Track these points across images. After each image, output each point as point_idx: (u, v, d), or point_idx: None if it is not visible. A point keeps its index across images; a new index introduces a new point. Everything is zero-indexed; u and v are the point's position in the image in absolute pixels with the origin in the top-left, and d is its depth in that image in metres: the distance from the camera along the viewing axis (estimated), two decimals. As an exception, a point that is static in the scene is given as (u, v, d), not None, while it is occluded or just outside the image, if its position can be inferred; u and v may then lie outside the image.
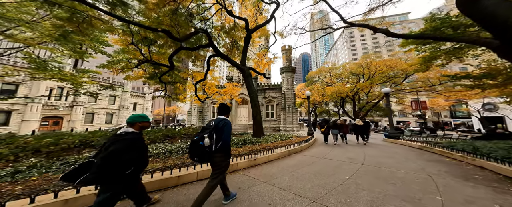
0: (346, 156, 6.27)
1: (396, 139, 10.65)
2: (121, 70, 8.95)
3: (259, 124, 9.55)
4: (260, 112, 9.96)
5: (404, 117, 51.46)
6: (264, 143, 7.31)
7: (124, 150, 1.66)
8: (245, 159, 4.67)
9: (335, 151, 7.55)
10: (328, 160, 5.66)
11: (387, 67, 26.83)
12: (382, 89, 12.19)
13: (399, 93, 30.82)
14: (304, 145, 7.70)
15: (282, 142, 7.84)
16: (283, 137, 10.31)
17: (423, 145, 8.24)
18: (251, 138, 8.42)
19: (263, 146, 6.46)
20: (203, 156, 2.19)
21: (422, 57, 14.88)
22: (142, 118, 1.99)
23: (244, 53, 11.22)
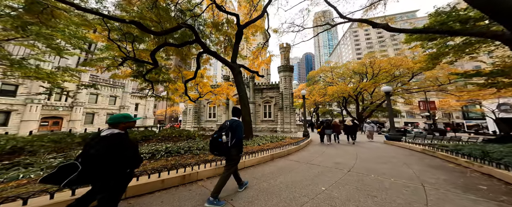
0: (334, 161, 5.63)
1: (398, 141, 9.84)
2: (106, 69, 8.68)
3: (248, 125, 9.04)
4: (249, 112, 9.46)
5: (412, 117, 49.59)
6: (250, 146, 6.75)
7: (109, 150, 1.60)
8: (210, 166, 3.97)
9: (325, 154, 6.92)
10: (312, 165, 5.06)
11: (392, 66, 25.71)
12: (382, 88, 11.42)
13: (405, 93, 29.56)
14: (292, 148, 7.10)
15: (270, 145, 7.29)
16: (275, 138, 9.75)
17: (425, 148, 7.46)
18: None
19: (247, 149, 5.93)
20: (221, 150, 2.68)
21: (428, 54, 13.99)
22: (124, 118, 1.86)
23: (235, 50, 10.77)
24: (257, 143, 7.35)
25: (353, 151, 7.86)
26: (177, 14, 9.79)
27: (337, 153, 7.26)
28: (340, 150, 8.32)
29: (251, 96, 20.79)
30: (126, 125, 1.87)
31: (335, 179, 3.83)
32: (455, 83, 23.42)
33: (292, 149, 7.05)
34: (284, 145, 7.48)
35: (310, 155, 6.74)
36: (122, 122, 1.82)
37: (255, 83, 21.43)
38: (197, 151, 4.89)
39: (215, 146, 2.72)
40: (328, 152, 7.53)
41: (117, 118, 1.82)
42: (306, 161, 5.59)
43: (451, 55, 11.89)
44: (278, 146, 6.99)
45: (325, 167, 4.84)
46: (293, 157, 6.24)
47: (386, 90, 11.38)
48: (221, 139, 2.65)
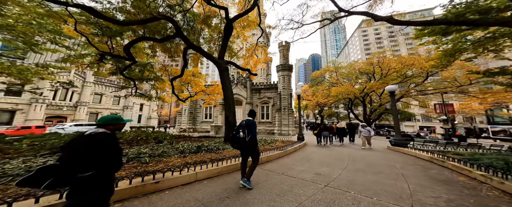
0: (316, 171, 4.69)
1: (403, 147, 8.58)
2: (87, 65, 8.40)
3: (231, 127, 8.29)
4: (234, 113, 8.71)
5: (428, 121, 46.20)
6: (227, 150, 5.99)
7: (92, 148, 1.54)
8: (134, 182, 2.92)
9: (312, 161, 6.00)
10: (287, 177, 4.18)
11: (402, 66, 23.80)
12: (386, 87, 10.26)
13: (419, 95, 27.35)
14: (274, 154, 6.21)
15: None
16: (264, 142, 8.93)
17: (433, 157, 6.26)
18: (218, 143, 7.20)
19: (220, 155, 5.20)
20: (240, 144, 3.21)
21: (443, 51, 12.59)
22: (114, 120, 1.81)
23: (224, 46, 10.15)
24: None
25: (346, 157, 6.85)
26: (165, 9, 9.42)
27: (326, 160, 6.31)
28: (332, 154, 7.33)
29: (248, 96, 20.09)
30: (116, 127, 1.81)
31: (302, 199, 2.96)
32: (478, 84, 21.19)
33: (274, 155, 6.18)
34: (272, 148, 6.65)
35: (294, 162, 5.85)
36: (112, 125, 1.77)
37: (252, 83, 20.71)
38: (146, 159, 4.09)
39: (235, 141, 3.26)
40: (316, 158, 6.58)
41: (107, 120, 1.76)
42: (284, 170, 4.69)
43: (470, 51, 10.51)
44: (264, 150, 6.20)
45: (300, 180, 3.95)
46: (272, 164, 5.37)
47: (391, 90, 10.16)
48: (239, 135, 3.17)
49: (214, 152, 5.73)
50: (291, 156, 6.88)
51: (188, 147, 5.69)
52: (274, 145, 8.16)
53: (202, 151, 5.60)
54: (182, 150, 5.34)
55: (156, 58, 10.54)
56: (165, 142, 6.31)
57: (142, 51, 8.87)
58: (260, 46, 14.08)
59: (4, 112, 17.40)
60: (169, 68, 11.05)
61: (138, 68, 8.85)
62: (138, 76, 9.19)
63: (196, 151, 5.54)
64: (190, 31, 11.69)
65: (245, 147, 3.27)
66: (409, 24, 8.46)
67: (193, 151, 5.42)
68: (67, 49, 7.76)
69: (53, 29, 6.68)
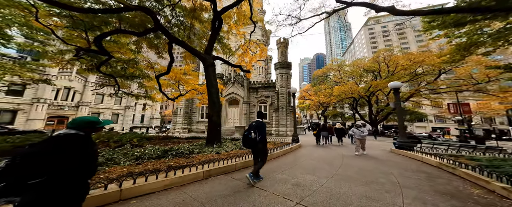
0: (297, 180, 3.88)
1: (408, 151, 7.56)
2: (67, 62, 8.08)
3: (214, 127, 7.63)
4: (219, 112, 8.05)
5: (442, 122, 43.53)
6: (203, 155, 5.27)
7: (60, 150, 1.38)
8: None
9: (297, 167, 5.23)
10: (255, 190, 3.46)
11: (411, 63, 22.24)
12: (389, 83, 9.30)
13: (431, 94, 25.61)
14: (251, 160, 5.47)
15: (234, 152, 5.75)
16: None
17: (442, 162, 5.28)
18: (196, 146, 6.51)
19: (188, 161, 4.49)
20: (251, 143, 3.57)
21: (456, 45, 11.40)
22: (89, 123, 1.62)
23: (211, 41, 9.56)
24: (218, 151, 5.81)
25: (338, 161, 6.02)
26: (152, 3, 8.99)
27: (315, 164, 5.52)
28: (324, 158, 6.49)
29: (245, 95, 19.42)
30: (91, 130, 1.65)
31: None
32: (497, 81, 19.38)
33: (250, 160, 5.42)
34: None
35: (278, 167, 5.09)
36: (88, 128, 1.60)
37: (250, 82, 20.04)
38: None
39: (247, 141, 3.55)
40: (304, 163, 5.79)
41: (81, 122, 1.59)
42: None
43: (487, 45, 9.36)
44: (241, 154, 5.47)
45: (270, 194, 3.14)
46: (247, 172, 4.63)
47: (394, 87, 9.15)
48: (251, 135, 3.43)
49: (185, 156, 4.99)
50: (279, 160, 6.09)
51: (151, 151, 4.92)
52: None
53: (168, 156, 4.85)
54: (139, 155, 4.55)
55: (143, 55, 10.09)
56: (126, 145, 5.68)
57: (125, 47, 8.46)
58: (254, 41, 13.37)
59: (5, 112, 17.85)
60: (156, 65, 10.58)
61: (120, 65, 8.41)
62: (119, 73, 8.77)
63: (160, 156, 4.78)
64: (180, 26, 11.21)
65: (256, 146, 3.57)
66: (414, 14, 7.54)
67: (155, 156, 4.68)
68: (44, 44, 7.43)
69: (23, 23, 6.33)
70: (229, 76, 20.99)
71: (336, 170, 4.90)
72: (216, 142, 7.24)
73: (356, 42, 78.05)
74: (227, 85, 20.54)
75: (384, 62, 22.59)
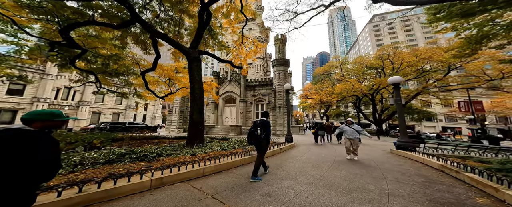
0: (268, 189, 3.26)
1: (409, 152, 6.84)
2: (47, 58, 7.84)
3: (195, 126, 7.11)
4: (201, 110, 7.54)
5: (453, 122, 41.55)
6: (174, 157, 4.68)
7: None
8: None
9: (280, 170, 4.70)
10: (212, 202, 2.97)
11: (418, 59, 21.06)
12: (389, 79, 8.61)
13: (439, 92, 24.31)
14: (237, 160, 4.83)
15: (208, 155, 5.11)
16: (242, 143, 7.71)
17: (445, 165, 4.59)
18: (169, 148, 5.91)
19: (146, 165, 3.94)
20: (256, 140, 3.80)
21: (466, 37, 10.55)
22: (44, 115, 1.42)
23: (198, 34, 9.09)
24: (193, 153, 5.20)
25: (328, 163, 5.43)
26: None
27: (300, 167, 4.98)
28: (315, 158, 5.91)
29: (242, 94, 18.92)
30: (46, 124, 1.43)
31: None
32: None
33: (237, 161, 4.84)
34: (235, 153, 5.27)
35: (248, 173, 4.58)
36: (40, 120, 1.40)
37: (247, 80, 19.53)
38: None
39: (252, 137, 3.83)
40: (289, 165, 5.24)
41: (33, 114, 1.41)
42: (226, 188, 3.30)
43: (500, 38, 8.54)
44: (222, 155, 4.90)
45: None
46: (225, 175, 4.11)
47: (394, 82, 8.44)
48: (257, 132, 3.78)
49: (148, 160, 4.34)
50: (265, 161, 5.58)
51: (101, 155, 4.20)
52: (249, 147, 6.88)
53: (124, 160, 4.12)
54: (79, 161, 3.77)
55: (132, 52, 9.77)
56: (78, 148, 5.13)
57: (107, 42, 8.15)
58: (248, 37, 12.86)
59: (6, 111, 18.18)
60: (143, 61, 10.25)
61: (101, 61, 8.10)
62: (101, 69, 8.46)
63: (112, 160, 4.03)
64: (169, 21, 10.83)
65: (260, 142, 3.78)
66: (415, 3, 6.86)
67: (104, 161, 3.92)
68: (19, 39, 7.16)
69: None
70: (226, 74, 20.58)
71: (322, 174, 4.32)
72: (197, 142, 6.73)
73: (361, 40, 76.01)
74: (223, 83, 20.15)
75: (388, 59, 21.50)
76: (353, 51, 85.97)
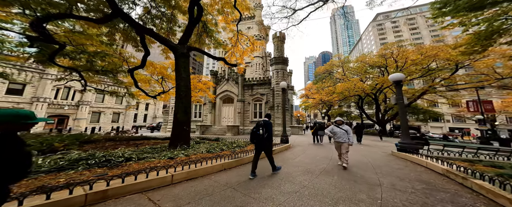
0: (243, 201, 2.89)
1: (411, 154, 6.29)
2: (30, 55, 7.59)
3: (179, 127, 6.62)
4: (187, 109, 7.07)
5: (461, 122, 40.16)
6: (148, 161, 4.12)
7: None
8: None
9: (262, 175, 4.28)
10: None
11: (423, 57, 20.21)
12: (390, 76, 8.09)
13: (446, 91, 23.39)
14: (217, 164, 4.44)
15: (189, 159, 4.55)
16: (232, 145, 7.32)
17: (450, 170, 4.06)
18: (152, 150, 5.56)
19: (95, 174, 3.23)
20: (258, 139, 3.97)
21: (474, 33, 9.89)
22: (5, 117, 1.29)
23: (188, 30, 8.72)
24: (172, 156, 4.66)
25: (321, 167, 4.97)
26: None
27: (291, 171, 4.55)
28: (308, 161, 5.45)
29: (240, 93, 18.52)
30: (7, 126, 1.32)
31: None
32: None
33: (217, 165, 4.41)
34: (217, 156, 4.90)
35: (237, 177, 4.19)
36: (6, 121, 1.29)
37: (244, 79, 19.13)
38: None
39: (255, 137, 4.02)
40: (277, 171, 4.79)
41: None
42: (178, 203, 2.75)
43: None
44: (202, 158, 4.51)
45: None
46: (183, 188, 3.65)
47: (395, 79, 7.90)
48: (259, 132, 3.95)
49: (112, 166, 3.68)
50: (244, 168, 5.01)
51: (49, 161, 3.60)
52: (239, 149, 6.45)
53: (78, 167, 3.46)
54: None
55: (121, 48, 9.47)
56: (32, 152, 4.50)
57: (93, 38, 7.89)
58: (244, 34, 12.45)
59: (5, 110, 18.26)
60: (132, 58, 9.95)
61: (85, 57, 7.83)
62: (85, 66, 8.20)
63: (62, 168, 3.36)
64: (161, 18, 10.54)
65: (262, 142, 3.95)
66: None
67: (53, 168, 3.28)
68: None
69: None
70: (223, 73, 20.23)
71: (311, 180, 3.87)
72: (181, 144, 6.26)
73: (364, 39, 74.62)
74: (221, 82, 19.81)
75: (391, 57, 20.72)
76: (356, 50, 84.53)
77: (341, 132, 4.98)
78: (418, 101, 26.08)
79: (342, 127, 5.05)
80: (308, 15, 12.18)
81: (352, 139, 4.91)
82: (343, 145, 4.88)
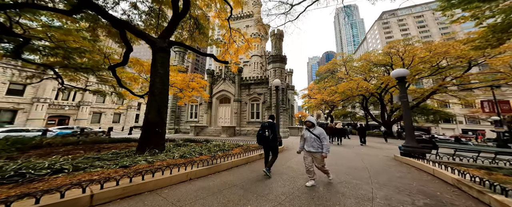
0: None
1: (416, 159, 5.46)
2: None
3: (150, 128, 5.81)
4: (162, 108, 6.25)
5: (475, 124, 37.95)
6: (88, 172, 3.27)
7: None
8: None
9: (232, 188, 3.66)
10: None
11: (432, 54, 18.95)
12: (392, 72, 7.29)
13: (458, 90, 21.94)
14: (181, 173, 3.81)
15: (151, 167, 3.80)
16: (219, 147, 6.70)
17: (462, 180, 3.27)
18: (113, 156, 4.82)
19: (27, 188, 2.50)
20: (265, 141, 4.12)
21: (490, 26, 8.95)
22: None
23: (172, 23, 8.12)
24: (129, 164, 3.87)
25: (305, 179, 4.28)
26: None
27: (271, 181, 3.91)
28: (295, 169, 4.76)
29: (236, 93, 17.95)
30: None
31: None
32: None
33: (173, 177, 3.84)
34: (194, 161, 4.53)
35: (193, 193, 3.58)
36: None
37: (241, 78, 18.54)
38: None
39: (262, 138, 4.15)
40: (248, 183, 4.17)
41: None
42: None
43: None
44: (171, 165, 4.02)
45: None
46: (163, 195, 3.13)
47: (399, 75, 7.11)
48: (265, 134, 4.09)
49: (25, 181, 2.73)
50: (221, 175, 4.33)
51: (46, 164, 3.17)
52: (221, 153, 5.80)
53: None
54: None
55: (103, 45, 8.98)
56: None
57: (72, 33, 7.53)
58: (237, 30, 11.90)
59: (6, 111, 18.62)
60: (115, 55, 9.53)
61: (61, 53, 7.44)
62: (61, 63, 7.81)
63: None
64: (149, 14, 10.14)
65: (269, 143, 4.15)
66: None
67: None
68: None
69: None
70: (220, 72, 19.75)
71: (290, 194, 3.19)
72: (151, 148, 5.46)
73: (369, 38, 72.57)
74: (217, 82, 19.32)
75: (397, 55, 19.57)
76: (361, 49, 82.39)
77: (312, 138, 3.51)
78: (427, 102, 24.63)
79: (314, 130, 3.57)
80: (305, 9, 11.54)
81: (328, 148, 3.42)
82: (315, 157, 3.50)
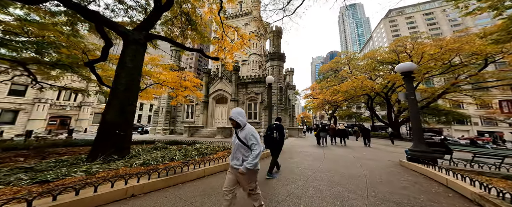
0: None
1: (426, 166, 4.57)
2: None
3: (107, 130, 4.98)
4: (124, 107, 5.43)
5: (491, 125, 35.60)
6: None
7: None
8: None
9: (210, 195, 2.98)
10: None
11: (443, 51, 17.57)
12: (397, 66, 6.41)
13: (473, 89, 20.38)
14: (149, 182, 3.19)
15: (82, 179, 3.00)
16: (208, 149, 6.07)
17: (485, 196, 2.39)
18: (55, 164, 3.91)
19: None
20: (273, 142, 4.11)
21: (510, 17, 8.09)
22: None
23: (153, 16, 7.50)
24: (37, 181, 2.78)
25: (287, 190, 3.55)
26: None
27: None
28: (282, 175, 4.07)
29: (233, 92, 17.32)
30: None
31: None
32: None
33: (102, 194, 3.23)
34: (151, 171, 3.73)
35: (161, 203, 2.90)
36: None
37: (238, 77, 17.91)
38: None
39: (270, 140, 4.14)
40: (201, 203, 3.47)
41: None
42: None
43: None
44: (114, 177, 3.50)
45: None
46: None
47: (404, 69, 6.24)
48: (273, 135, 4.08)
49: None
50: (179, 189, 3.60)
51: None
52: (199, 158, 5.04)
53: None
54: None
55: (81, 40, 8.51)
56: None
57: (48, 27, 7.15)
58: (232, 27, 11.32)
59: (7, 112, 18.86)
60: (97, 51, 9.09)
61: (33, 47, 7.01)
62: (35, 59, 7.40)
63: None
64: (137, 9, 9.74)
65: (276, 144, 4.13)
66: None
67: None
68: None
69: None
70: (217, 71, 19.21)
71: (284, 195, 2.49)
72: (107, 153, 4.63)
73: (375, 37, 70.34)
74: (214, 81, 18.78)
75: (404, 52, 18.33)
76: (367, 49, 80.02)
77: (237, 145, 2.16)
78: (439, 102, 23.06)
79: (240, 132, 2.18)
80: (302, 2, 10.83)
81: (255, 162, 1.99)
82: (238, 174, 2.08)
